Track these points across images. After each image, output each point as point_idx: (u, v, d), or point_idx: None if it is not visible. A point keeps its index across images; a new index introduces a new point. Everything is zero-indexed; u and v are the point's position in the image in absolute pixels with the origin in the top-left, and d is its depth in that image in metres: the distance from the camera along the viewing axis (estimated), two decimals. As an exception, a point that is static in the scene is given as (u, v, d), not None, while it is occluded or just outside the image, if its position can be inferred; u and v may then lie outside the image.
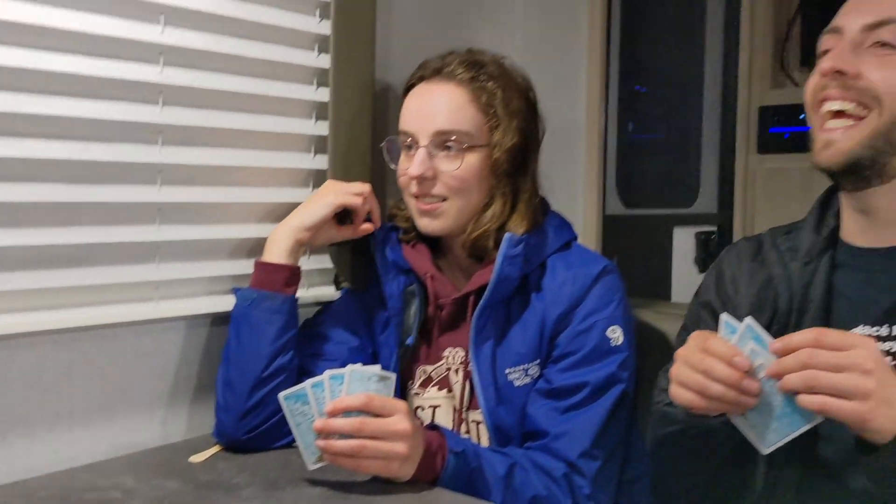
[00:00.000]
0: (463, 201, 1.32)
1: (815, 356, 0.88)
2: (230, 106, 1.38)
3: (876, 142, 1.03)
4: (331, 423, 1.08)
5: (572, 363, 1.29)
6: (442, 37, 1.71)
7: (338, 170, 1.47)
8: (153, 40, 1.27)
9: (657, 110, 2.66)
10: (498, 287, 1.30)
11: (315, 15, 1.48)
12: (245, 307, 1.29)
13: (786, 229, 1.24)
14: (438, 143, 1.31)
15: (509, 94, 1.33)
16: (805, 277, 1.14)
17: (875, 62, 1.02)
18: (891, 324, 1.07)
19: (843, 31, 1.06)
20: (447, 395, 1.35)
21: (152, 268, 1.32)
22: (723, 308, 1.22)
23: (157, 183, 1.31)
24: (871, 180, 1.06)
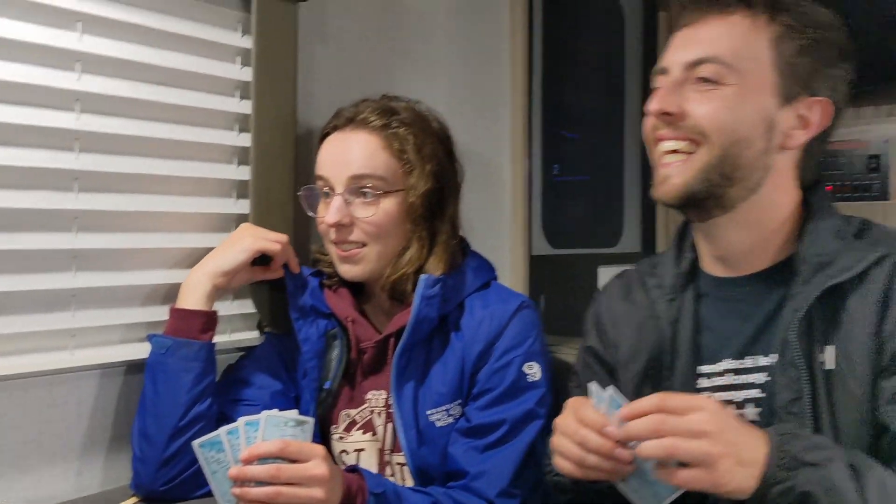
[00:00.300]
0: (381, 246, 1.34)
1: (663, 423, 0.90)
2: (149, 152, 1.38)
3: (709, 174, 1.06)
4: (246, 471, 1.06)
5: (490, 400, 1.30)
6: (365, 82, 1.75)
7: (260, 214, 1.47)
8: (70, 87, 1.27)
9: (581, 153, 2.73)
10: (416, 328, 1.31)
11: (236, 61, 1.49)
12: (160, 355, 1.27)
13: (651, 263, 1.27)
14: (354, 190, 1.33)
15: (422, 139, 1.36)
16: (672, 314, 1.17)
17: (697, 98, 1.06)
18: (753, 354, 1.10)
19: (669, 70, 1.10)
20: (371, 439, 1.36)
21: (68, 316, 1.29)
22: (606, 352, 1.26)
23: (74, 230, 1.29)
24: (711, 210, 1.09)
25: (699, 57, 1.07)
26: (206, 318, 1.31)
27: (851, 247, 1.05)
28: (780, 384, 1.04)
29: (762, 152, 1.07)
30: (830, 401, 1.01)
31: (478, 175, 1.48)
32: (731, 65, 1.05)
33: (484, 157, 2.14)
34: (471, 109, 2.09)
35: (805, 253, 1.07)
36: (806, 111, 1.09)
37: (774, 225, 1.11)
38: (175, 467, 1.24)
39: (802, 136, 1.10)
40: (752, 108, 1.06)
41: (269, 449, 1.07)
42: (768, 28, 1.07)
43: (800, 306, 1.04)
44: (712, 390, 1.12)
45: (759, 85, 1.06)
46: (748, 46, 1.07)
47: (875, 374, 1.00)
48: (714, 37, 1.08)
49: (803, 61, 1.07)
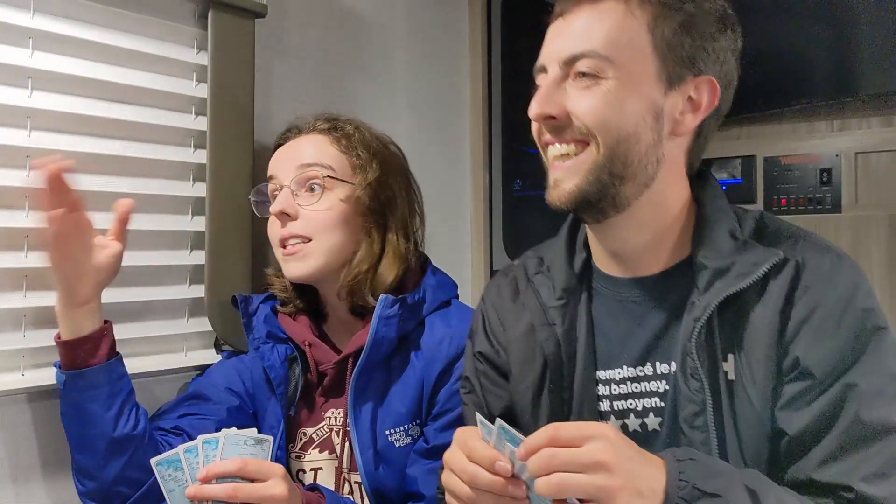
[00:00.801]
0: (327, 241, 1.33)
1: (554, 457, 0.83)
2: (103, 170, 1.36)
3: (599, 175, 1.00)
4: (203, 490, 1.05)
5: (449, 422, 1.29)
6: (324, 98, 1.75)
7: (217, 231, 1.46)
8: (21, 104, 1.25)
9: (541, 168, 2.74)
10: (374, 348, 1.30)
11: (192, 78, 1.48)
12: (62, 392, 1.20)
13: (537, 260, 1.19)
14: (301, 181, 1.34)
15: (368, 138, 1.40)
16: (567, 318, 1.10)
17: (578, 95, 1.00)
18: (652, 361, 1.05)
19: (547, 67, 1.04)
20: (329, 457, 1.35)
21: (18, 336, 1.27)
22: (497, 356, 1.17)
23: (24, 249, 1.27)
24: (606, 211, 1.03)
25: (574, 52, 1.00)
26: (91, 341, 1.20)
27: (748, 250, 1.01)
28: (683, 396, 1.00)
29: (652, 144, 1.00)
30: (733, 412, 0.98)
31: (438, 190, 1.48)
32: (607, 57, 0.98)
33: (444, 173, 2.15)
34: (430, 125, 2.10)
35: (700, 258, 1.02)
36: (693, 92, 1.02)
37: (668, 221, 1.05)
38: (119, 494, 1.21)
39: (693, 120, 1.03)
40: (636, 99, 0.99)
41: (228, 468, 1.05)
42: (642, 11, 1.00)
43: (699, 316, 0.99)
44: (612, 398, 1.07)
45: (641, 73, 0.99)
46: (624, 34, 0.99)
47: (776, 381, 0.97)
48: (587, 28, 1.00)
49: (683, 40, 1.00)
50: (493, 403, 1.17)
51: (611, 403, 1.07)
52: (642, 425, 1.05)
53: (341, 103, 1.76)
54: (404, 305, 1.32)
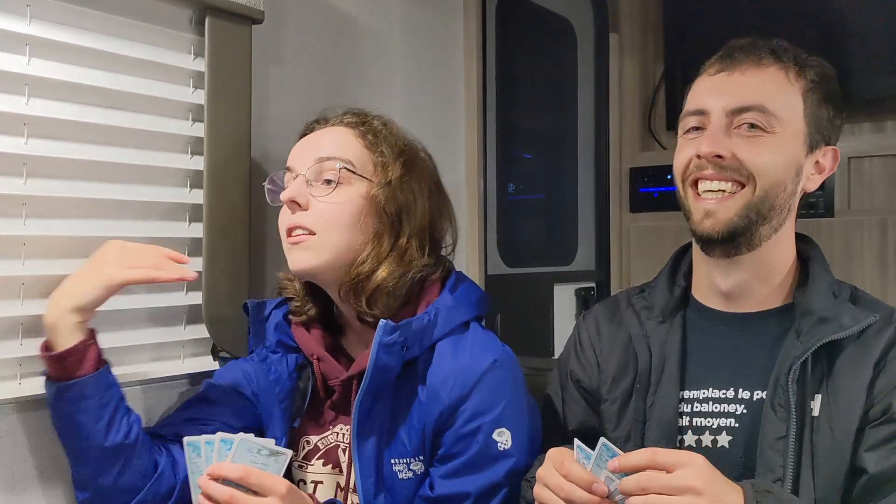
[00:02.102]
0: (334, 237, 1.25)
1: (652, 480, 0.95)
2: (100, 176, 1.36)
3: (749, 212, 1.14)
4: (208, 485, 1.06)
5: (455, 469, 1.22)
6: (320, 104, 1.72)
7: (214, 238, 1.46)
8: (18, 110, 1.24)
9: (535, 172, 2.76)
10: (376, 375, 1.21)
11: (189, 84, 1.48)
12: (52, 403, 1.18)
13: (639, 289, 1.33)
14: (318, 172, 1.27)
15: (396, 136, 1.33)
16: (661, 335, 1.23)
17: (745, 143, 1.14)
18: (736, 387, 1.17)
19: (709, 113, 1.16)
20: (332, 472, 1.31)
21: (15, 345, 1.26)
22: (586, 375, 1.31)
23: (21, 257, 1.26)
24: (741, 247, 1.17)
25: (745, 104, 1.14)
26: (77, 353, 1.16)
27: (849, 308, 1.15)
28: (768, 421, 1.11)
29: (791, 195, 1.16)
30: (812, 443, 1.09)
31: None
32: (774, 114, 1.13)
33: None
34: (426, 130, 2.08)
35: (807, 305, 1.15)
36: (822, 158, 1.19)
37: (782, 269, 1.20)
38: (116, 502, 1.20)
39: (819, 181, 1.20)
40: (789, 154, 1.15)
41: (231, 473, 1.05)
42: (798, 81, 1.16)
43: (799, 355, 1.11)
44: (691, 415, 1.19)
45: (794, 133, 1.15)
46: (786, 97, 1.15)
47: (861, 424, 1.09)
48: (755, 85, 1.15)
49: (823, 112, 1.17)
50: (570, 419, 1.31)
51: (690, 420, 1.19)
52: (713, 441, 1.17)
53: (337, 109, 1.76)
54: (408, 330, 1.22)
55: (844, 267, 2.46)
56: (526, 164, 2.68)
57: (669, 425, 1.18)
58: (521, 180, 2.62)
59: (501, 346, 1.28)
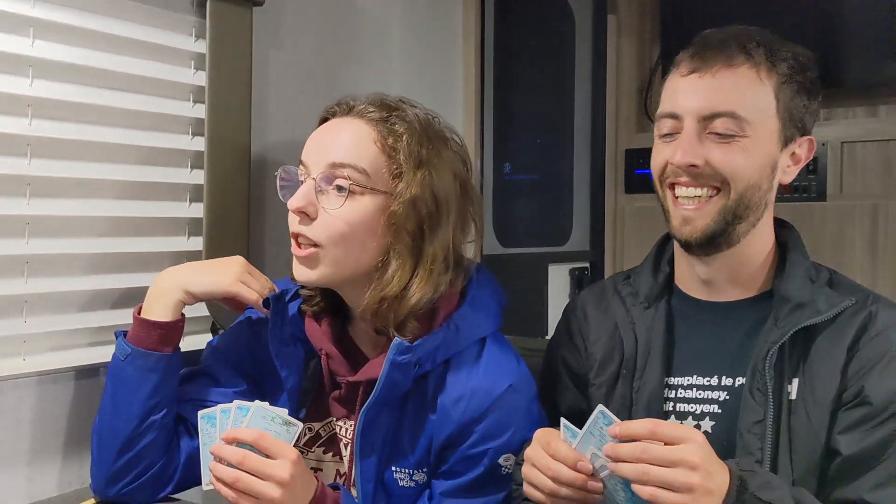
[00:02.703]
0: (342, 252, 1.18)
1: (647, 451, 0.96)
2: (102, 157, 1.38)
3: (726, 216, 1.15)
4: (221, 449, 1.09)
5: (457, 487, 1.21)
6: (319, 87, 1.76)
7: (214, 219, 1.48)
8: (22, 92, 1.26)
9: (531, 153, 2.78)
10: (385, 390, 1.18)
11: (190, 66, 1.50)
12: (120, 361, 1.23)
13: (624, 275, 1.35)
14: (330, 178, 1.18)
15: (421, 143, 1.19)
16: (647, 321, 1.26)
17: (717, 149, 1.14)
18: (719, 374, 1.20)
19: (682, 118, 1.15)
20: (333, 459, 1.31)
21: (19, 322, 1.29)
22: (575, 359, 1.34)
23: (25, 236, 1.29)
24: (721, 246, 1.18)
25: (715, 111, 1.13)
26: (168, 329, 1.24)
27: (825, 292, 1.17)
28: (747, 406, 1.14)
29: (766, 191, 1.17)
30: (789, 426, 1.12)
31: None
32: (745, 118, 1.13)
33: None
34: (426, 110, 2.11)
35: (783, 292, 1.17)
36: (798, 148, 1.19)
37: (761, 259, 1.21)
38: (128, 474, 1.23)
39: (795, 172, 1.20)
40: (763, 154, 1.15)
41: (246, 436, 1.09)
42: (770, 78, 1.15)
43: (776, 341, 1.14)
44: (675, 400, 1.22)
45: (768, 133, 1.15)
46: (757, 99, 1.14)
47: (834, 407, 1.11)
48: (726, 89, 1.14)
49: (797, 104, 1.16)
50: (560, 402, 1.34)
51: (674, 405, 1.22)
52: (696, 426, 1.19)
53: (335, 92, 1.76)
54: (422, 349, 1.18)
55: (835, 251, 2.49)
56: (522, 144, 2.70)
57: (654, 410, 1.21)
58: (517, 161, 2.63)
59: (517, 366, 1.25)
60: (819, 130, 2.55)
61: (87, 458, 1.29)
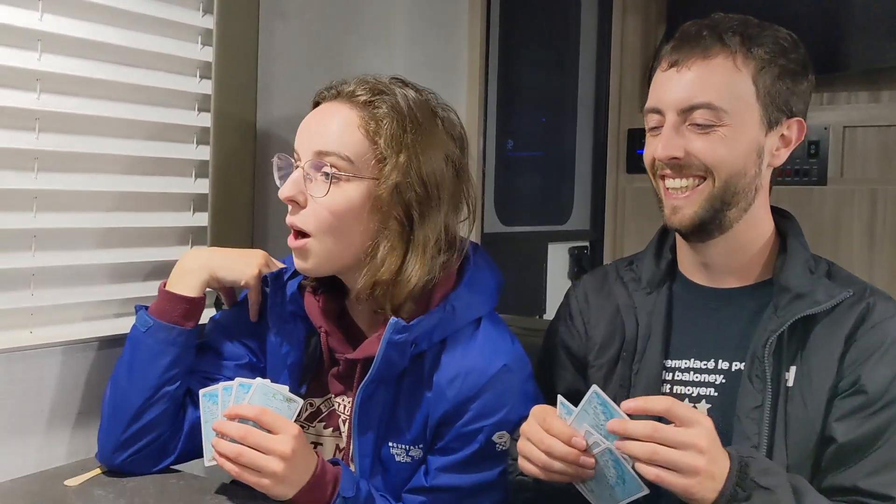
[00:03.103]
0: (331, 241, 1.20)
1: (659, 430, 0.98)
2: (109, 132, 1.39)
3: (714, 203, 1.18)
4: (223, 425, 1.12)
5: (452, 463, 1.23)
6: (324, 60, 1.76)
7: (220, 195, 1.49)
8: (31, 66, 1.27)
9: (534, 131, 2.78)
10: (382, 368, 1.20)
11: (197, 41, 1.50)
12: (140, 334, 1.26)
13: (627, 260, 1.38)
14: (317, 166, 1.19)
15: (405, 128, 1.19)
16: (648, 306, 1.28)
17: (698, 139, 1.16)
18: (717, 358, 1.22)
19: (664, 112, 1.18)
20: (332, 434, 1.33)
21: (27, 295, 1.31)
22: (574, 342, 1.36)
23: (33, 210, 1.30)
24: (713, 233, 1.21)
25: (692, 103, 1.15)
26: (192, 305, 1.27)
27: (824, 283, 1.19)
28: (745, 392, 1.17)
29: (754, 176, 1.19)
30: (786, 412, 1.15)
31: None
32: (721, 108, 1.15)
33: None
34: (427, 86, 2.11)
35: (783, 282, 1.19)
36: (786, 131, 1.20)
37: (758, 247, 1.23)
38: (136, 443, 1.26)
39: (785, 154, 1.21)
40: (745, 140, 1.16)
41: (248, 412, 1.12)
42: (746, 65, 1.16)
43: (775, 329, 1.16)
44: (672, 383, 1.24)
45: (749, 120, 1.16)
46: (734, 87, 1.15)
47: (831, 395, 1.14)
48: (701, 81, 1.16)
49: (780, 88, 1.17)
50: (559, 383, 1.36)
51: (671, 387, 1.24)
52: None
53: (340, 66, 1.77)
54: (418, 329, 1.20)
55: (833, 236, 2.51)
56: (525, 121, 2.70)
57: (653, 391, 1.23)
58: (520, 137, 2.64)
59: (511, 346, 1.27)
60: (821, 114, 2.56)
61: (93, 428, 1.32)
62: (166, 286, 1.28)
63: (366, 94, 1.20)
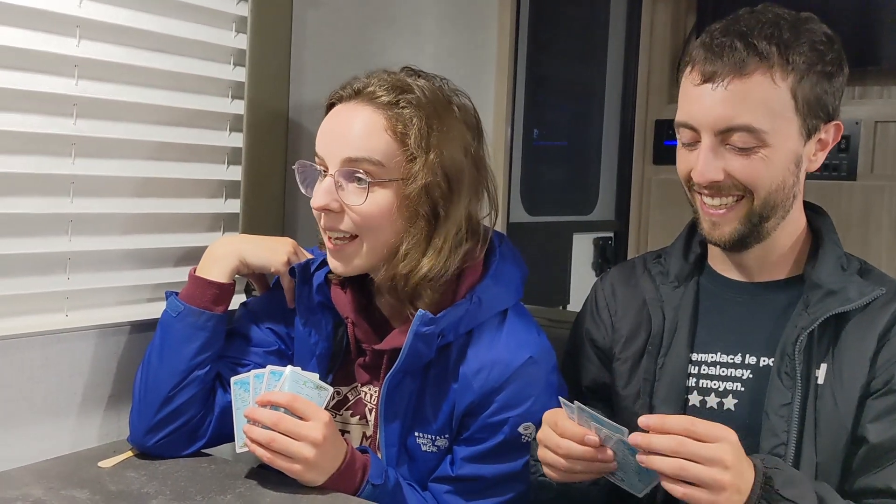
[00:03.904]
0: (373, 240, 1.22)
1: (684, 445, 0.98)
2: (144, 118, 1.40)
3: (753, 219, 1.17)
4: (255, 412, 1.14)
5: (479, 453, 1.25)
6: (354, 49, 1.76)
7: (251, 182, 1.50)
8: (68, 53, 1.28)
9: (561, 120, 2.77)
10: (409, 359, 1.22)
11: (232, 29, 1.51)
12: (171, 318, 1.28)
13: (655, 254, 1.37)
14: (348, 174, 1.20)
15: (431, 125, 1.20)
16: (675, 300, 1.27)
17: (737, 160, 1.13)
18: (744, 353, 1.22)
19: (700, 131, 1.14)
20: (359, 423, 1.35)
21: (62, 279, 1.32)
22: (600, 334, 1.36)
23: (70, 195, 1.31)
24: (751, 244, 1.20)
25: (730, 125, 1.11)
26: (222, 290, 1.29)
27: (856, 281, 1.18)
28: (774, 388, 1.16)
29: (793, 185, 1.17)
30: (815, 410, 1.14)
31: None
32: (761, 129, 1.11)
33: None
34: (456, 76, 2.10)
35: (815, 278, 1.18)
36: (823, 135, 1.18)
37: (791, 244, 1.23)
38: (167, 426, 1.28)
39: (822, 158, 1.20)
40: (783, 156, 1.14)
41: (280, 399, 1.14)
42: (784, 79, 1.11)
43: (806, 326, 1.15)
44: (699, 377, 1.24)
45: (788, 135, 1.13)
46: (772, 105, 1.11)
47: (863, 394, 1.13)
48: (739, 101, 1.11)
49: (817, 93, 1.14)
50: (584, 375, 1.37)
51: (697, 381, 1.24)
52: (719, 404, 1.21)
53: (370, 54, 1.78)
54: (445, 321, 1.21)
55: (862, 230, 2.49)
56: (552, 110, 2.69)
57: (678, 385, 1.23)
58: (546, 127, 2.63)
59: (537, 338, 1.28)
60: (853, 109, 2.53)
61: (125, 411, 1.34)
62: (196, 271, 1.30)
63: (387, 95, 1.21)
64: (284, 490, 1.18)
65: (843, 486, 1.11)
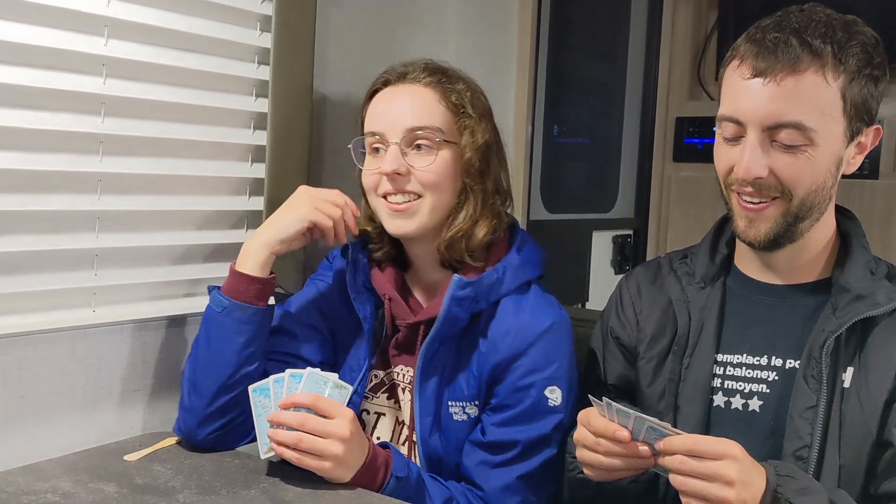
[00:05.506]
0: (437, 199, 1.31)
1: (686, 463, 1.00)
2: (170, 116, 1.41)
3: (788, 218, 1.15)
4: (279, 415, 1.16)
5: (507, 419, 1.29)
6: (377, 48, 1.77)
7: (275, 179, 1.51)
8: (96, 52, 1.29)
9: (581, 117, 2.77)
10: (445, 325, 1.29)
11: (256, 27, 1.52)
12: (217, 312, 1.29)
13: (681, 254, 1.36)
14: (409, 141, 1.30)
15: (476, 96, 1.36)
16: (701, 301, 1.27)
17: (783, 159, 1.12)
18: (770, 355, 1.22)
19: (746, 125, 1.13)
20: (393, 406, 1.39)
21: (90, 275, 1.34)
22: (625, 333, 1.36)
23: (97, 192, 1.33)
24: (784, 245, 1.19)
25: (780, 121, 1.10)
26: (262, 284, 1.31)
27: (885, 286, 1.17)
28: (799, 391, 1.16)
29: (830, 187, 1.16)
30: (840, 413, 1.13)
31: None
32: (811, 128, 1.10)
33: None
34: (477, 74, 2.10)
35: (843, 282, 1.17)
36: (864, 138, 1.17)
37: (821, 247, 1.22)
38: (217, 421, 1.30)
39: (860, 161, 1.19)
40: (828, 157, 1.13)
41: (303, 400, 1.16)
42: (836, 79, 1.10)
43: (833, 330, 1.14)
44: (724, 377, 1.24)
45: (834, 136, 1.12)
46: (823, 104, 1.10)
47: (889, 398, 1.12)
48: (790, 97, 1.10)
49: (864, 96, 1.13)
50: (610, 372, 1.37)
51: (722, 382, 1.24)
52: (744, 405, 1.21)
53: (393, 52, 1.78)
54: (479, 286, 1.30)
55: (884, 230, 2.47)
56: (573, 107, 2.69)
57: (703, 386, 1.23)
58: (567, 124, 2.63)
59: (559, 310, 1.35)
60: (876, 107, 2.51)
61: (150, 405, 1.37)
62: (235, 266, 1.32)
63: (431, 76, 1.34)
64: (308, 485, 1.19)
65: (866, 489, 1.11)
